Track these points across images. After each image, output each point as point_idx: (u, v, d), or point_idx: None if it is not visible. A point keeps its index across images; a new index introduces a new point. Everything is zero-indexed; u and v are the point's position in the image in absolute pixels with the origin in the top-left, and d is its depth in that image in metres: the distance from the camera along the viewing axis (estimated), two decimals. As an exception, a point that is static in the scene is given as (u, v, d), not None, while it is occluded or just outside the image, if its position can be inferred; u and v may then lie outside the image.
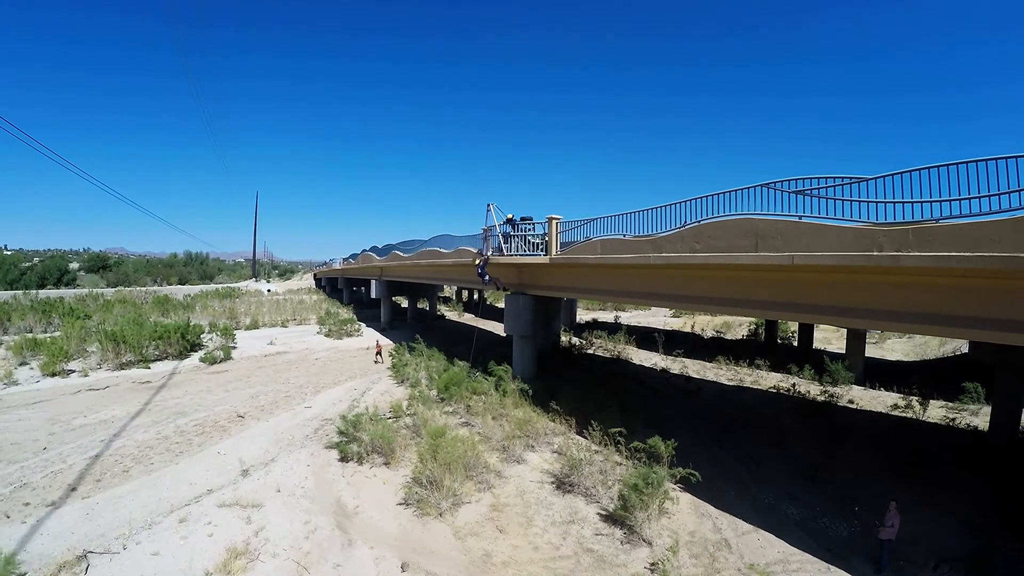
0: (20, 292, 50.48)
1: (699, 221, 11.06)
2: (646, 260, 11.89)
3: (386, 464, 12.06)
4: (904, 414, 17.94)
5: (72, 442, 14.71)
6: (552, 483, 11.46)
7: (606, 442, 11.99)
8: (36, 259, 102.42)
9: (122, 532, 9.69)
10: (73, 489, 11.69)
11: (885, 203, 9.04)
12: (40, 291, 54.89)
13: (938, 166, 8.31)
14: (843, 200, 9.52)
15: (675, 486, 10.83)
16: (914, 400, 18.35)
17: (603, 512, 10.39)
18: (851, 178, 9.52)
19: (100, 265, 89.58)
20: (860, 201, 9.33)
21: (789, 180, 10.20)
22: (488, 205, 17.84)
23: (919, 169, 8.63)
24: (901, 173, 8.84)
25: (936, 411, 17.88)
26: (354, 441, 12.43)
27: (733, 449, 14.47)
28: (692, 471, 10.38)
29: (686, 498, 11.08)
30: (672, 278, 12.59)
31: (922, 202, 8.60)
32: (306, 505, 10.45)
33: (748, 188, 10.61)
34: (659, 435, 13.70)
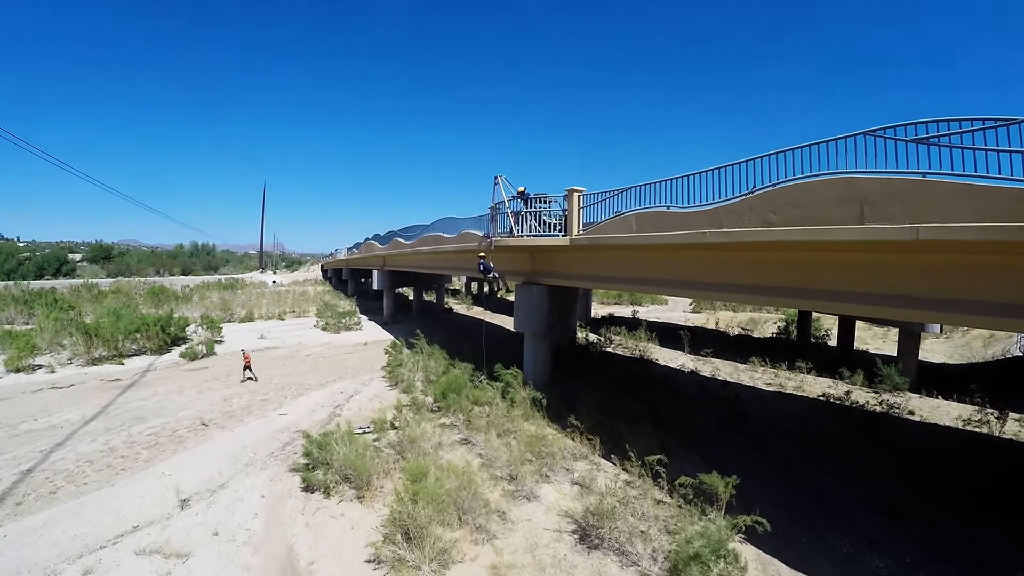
0: (12, 283, 48.91)
1: (773, 184, 8.20)
2: (700, 238, 8.96)
3: (359, 498, 9.40)
4: (977, 428, 15.14)
5: (9, 452, 12.74)
6: (573, 532, 8.65)
7: (642, 472, 9.28)
8: (47, 250, 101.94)
9: (11, 586, 7.47)
10: (-13, 515, 9.61)
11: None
12: (36, 281, 53.37)
13: None
14: (986, 150, 6.71)
15: (737, 536, 8.18)
16: (989, 413, 15.51)
17: (645, 581, 7.62)
18: (998, 120, 6.67)
19: (103, 256, 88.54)
20: (1013, 152, 6.54)
21: (902, 125, 7.38)
22: (496, 178, 15.04)
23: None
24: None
25: (1009, 425, 15.03)
26: (321, 466, 9.83)
27: (787, 475, 11.79)
28: (760, 519, 7.78)
29: (750, 552, 8.34)
30: (733, 263, 9.67)
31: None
32: (246, 558, 7.86)
33: (841, 138, 7.73)
34: (698, 454, 10.99)
